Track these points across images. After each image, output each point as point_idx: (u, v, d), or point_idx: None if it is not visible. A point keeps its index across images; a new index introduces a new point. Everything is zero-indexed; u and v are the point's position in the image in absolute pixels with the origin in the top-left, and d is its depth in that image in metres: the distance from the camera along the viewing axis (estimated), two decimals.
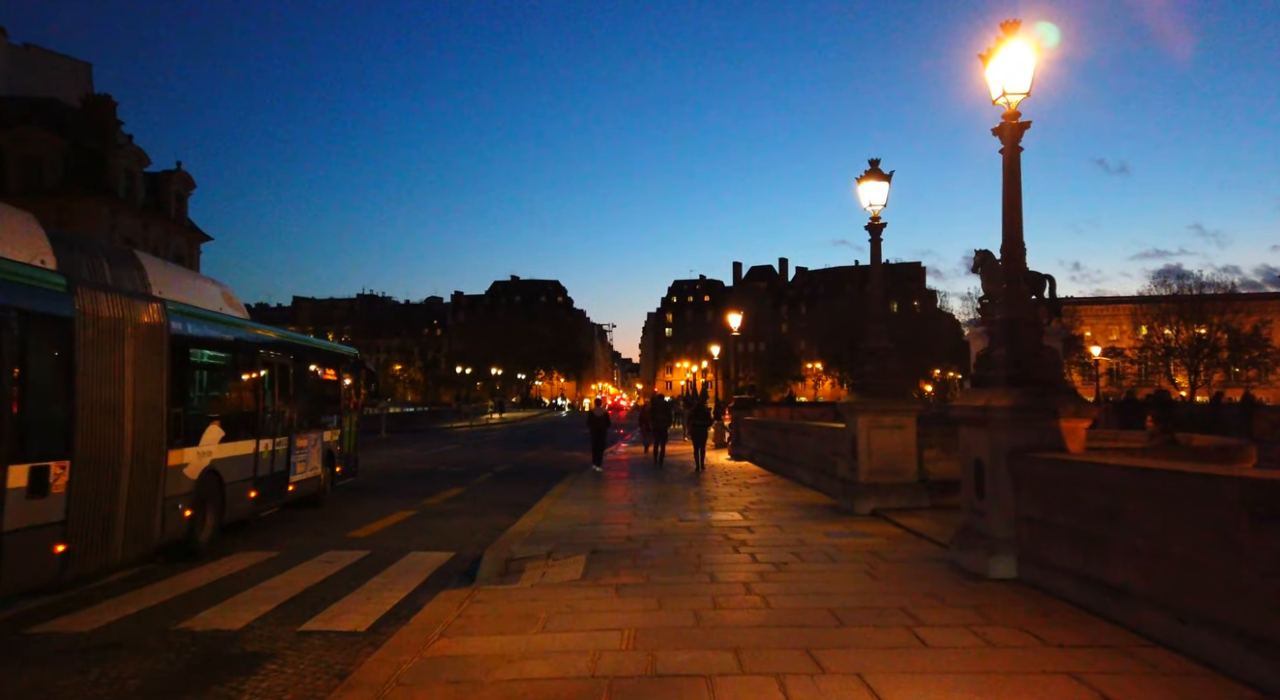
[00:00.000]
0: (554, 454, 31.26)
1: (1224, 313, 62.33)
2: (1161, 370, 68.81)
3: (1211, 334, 63.40)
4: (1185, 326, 66.10)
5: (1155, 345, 68.26)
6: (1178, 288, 68.13)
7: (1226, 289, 66.61)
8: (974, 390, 7.58)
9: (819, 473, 14.63)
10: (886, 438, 11.29)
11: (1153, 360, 71.72)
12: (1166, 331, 68.24)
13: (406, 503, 15.32)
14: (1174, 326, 67.30)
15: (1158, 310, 67.56)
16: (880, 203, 11.63)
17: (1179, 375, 67.72)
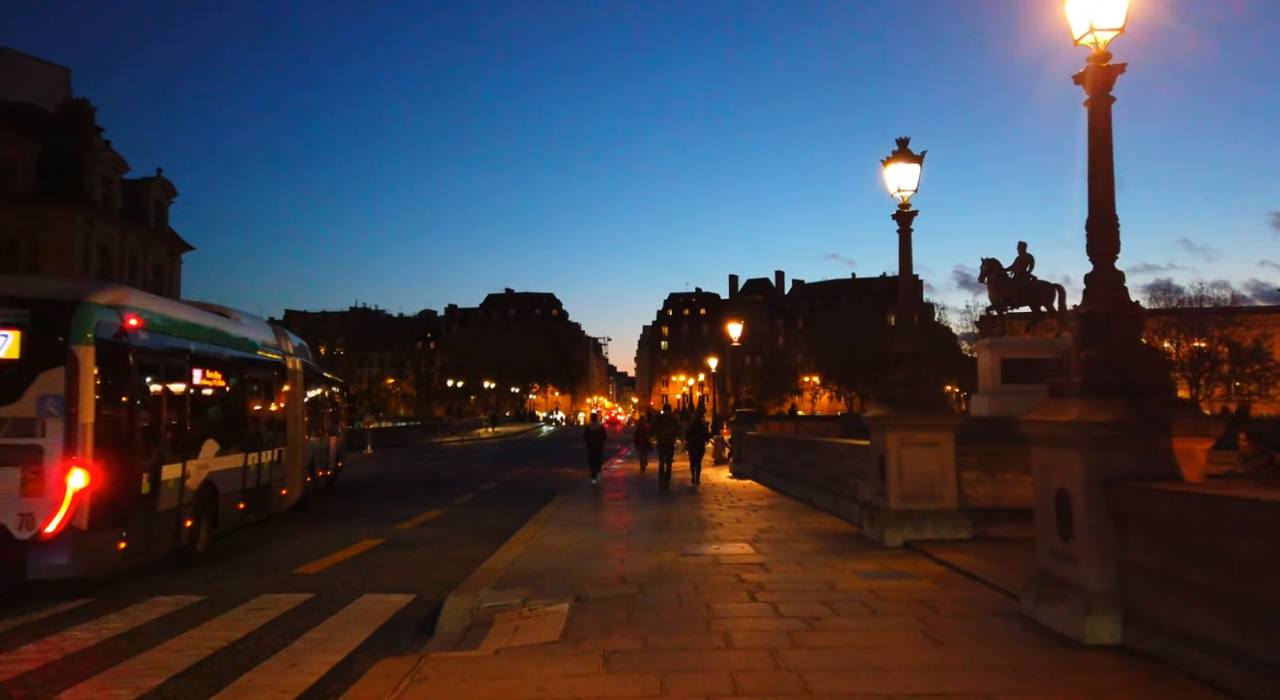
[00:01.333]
0: (545, 470, 29.64)
1: (1225, 326, 61.47)
2: None
3: (1213, 348, 62.47)
4: (1185, 340, 65.11)
5: None
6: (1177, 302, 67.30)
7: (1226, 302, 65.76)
8: (1053, 402, 6.05)
9: (835, 495, 13.08)
10: (920, 457, 9.76)
11: None
12: (1166, 345, 67.13)
13: (375, 528, 13.71)
14: (1174, 340, 66.25)
15: (1157, 324, 66.55)
16: (910, 187, 10.17)
17: (1180, 389, 66.49)
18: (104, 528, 8.38)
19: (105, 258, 42.80)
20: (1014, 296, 35.14)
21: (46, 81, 46.94)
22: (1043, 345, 34.29)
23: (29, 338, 8.41)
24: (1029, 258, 36.22)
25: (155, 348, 9.83)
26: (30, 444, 8.13)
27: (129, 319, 9.22)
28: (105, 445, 8.43)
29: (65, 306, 8.60)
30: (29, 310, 8.58)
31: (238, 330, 13.57)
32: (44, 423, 8.18)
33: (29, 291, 9.19)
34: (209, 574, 9.72)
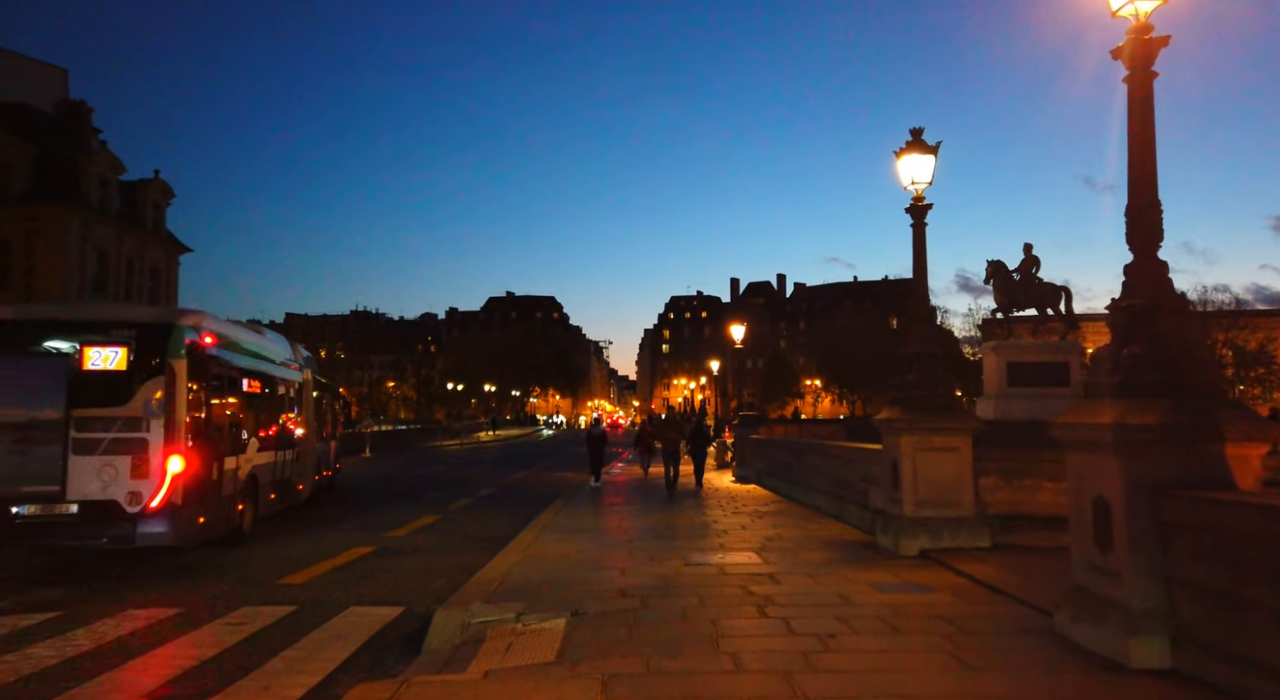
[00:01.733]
0: (545, 475, 29.17)
1: (1229, 330, 61.15)
2: None
3: (1217, 351, 62.18)
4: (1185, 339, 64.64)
5: None
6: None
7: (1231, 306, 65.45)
8: (1090, 402, 5.58)
9: (844, 501, 12.60)
10: (936, 462, 9.28)
11: None
12: None
13: (366, 536, 13.24)
14: None
15: None
16: (924, 180, 9.71)
17: None
18: (191, 505, 10.51)
19: (102, 260, 42.39)
20: (1020, 299, 34.64)
21: (43, 82, 46.59)
22: (1048, 348, 33.81)
23: (135, 353, 10.61)
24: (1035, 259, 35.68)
25: (223, 360, 12.22)
26: (138, 437, 10.23)
27: (205, 336, 11.50)
28: (192, 440, 10.66)
29: (163, 328, 10.88)
30: (134, 331, 10.79)
31: (271, 346, 15.66)
32: (149, 420, 10.29)
33: (134, 317, 11.61)
34: (189, 584, 9.26)
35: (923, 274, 9.80)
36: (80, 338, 10.69)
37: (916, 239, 9.78)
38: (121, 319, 11.33)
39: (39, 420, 10.24)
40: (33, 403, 10.38)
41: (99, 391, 10.43)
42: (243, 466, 12.77)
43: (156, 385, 10.51)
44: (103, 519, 10.11)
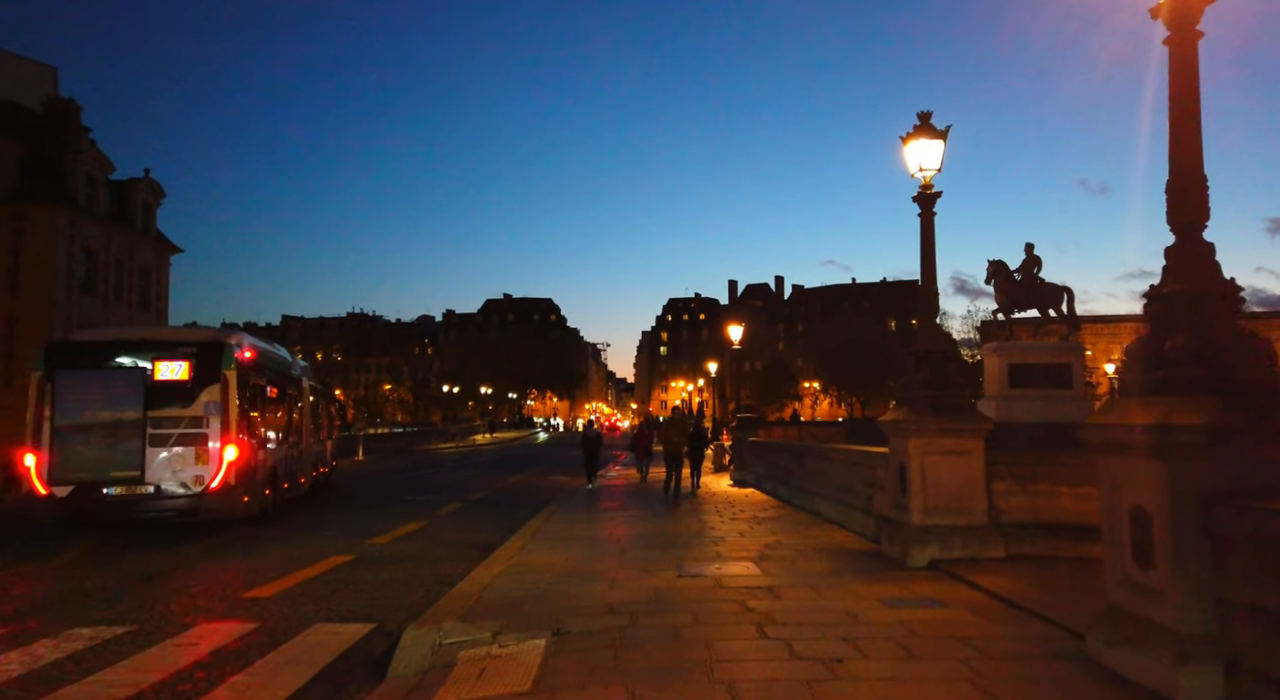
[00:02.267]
0: (539, 478, 28.57)
1: None
2: None
3: None
4: None
5: None
6: None
7: None
8: (1126, 402, 5.02)
9: (846, 507, 12.02)
10: (947, 466, 8.71)
11: None
12: None
13: (346, 542, 12.64)
14: None
15: None
16: (933, 166, 9.15)
17: None
18: (240, 486, 13.43)
19: (90, 260, 41.80)
20: (1021, 299, 34.05)
21: (32, 80, 45.98)
22: (1050, 349, 33.22)
23: (195, 366, 13.45)
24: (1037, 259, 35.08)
25: (259, 371, 15.06)
26: (200, 432, 13.17)
27: (246, 352, 14.24)
28: (240, 434, 13.55)
29: (217, 346, 13.72)
30: (194, 349, 13.64)
31: (283, 357, 18.66)
32: (208, 418, 13.21)
33: (194, 337, 14.56)
34: (147, 597, 8.66)
35: (931, 267, 9.23)
36: (152, 355, 13.59)
37: (925, 229, 9.22)
38: (184, 339, 14.35)
39: (123, 420, 13.09)
40: (118, 406, 13.12)
41: (169, 396, 13.36)
42: (268, 458, 15.48)
43: (213, 391, 13.46)
44: (172, 498, 13.05)
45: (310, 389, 20.39)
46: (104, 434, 13.04)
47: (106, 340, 14.65)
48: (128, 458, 12.97)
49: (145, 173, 46.73)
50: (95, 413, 13.12)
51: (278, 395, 16.79)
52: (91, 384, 13.31)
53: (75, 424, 13.07)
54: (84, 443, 13.04)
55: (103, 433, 13.04)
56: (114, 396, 13.22)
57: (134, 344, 14.06)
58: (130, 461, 12.97)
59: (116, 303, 43.81)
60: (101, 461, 12.88)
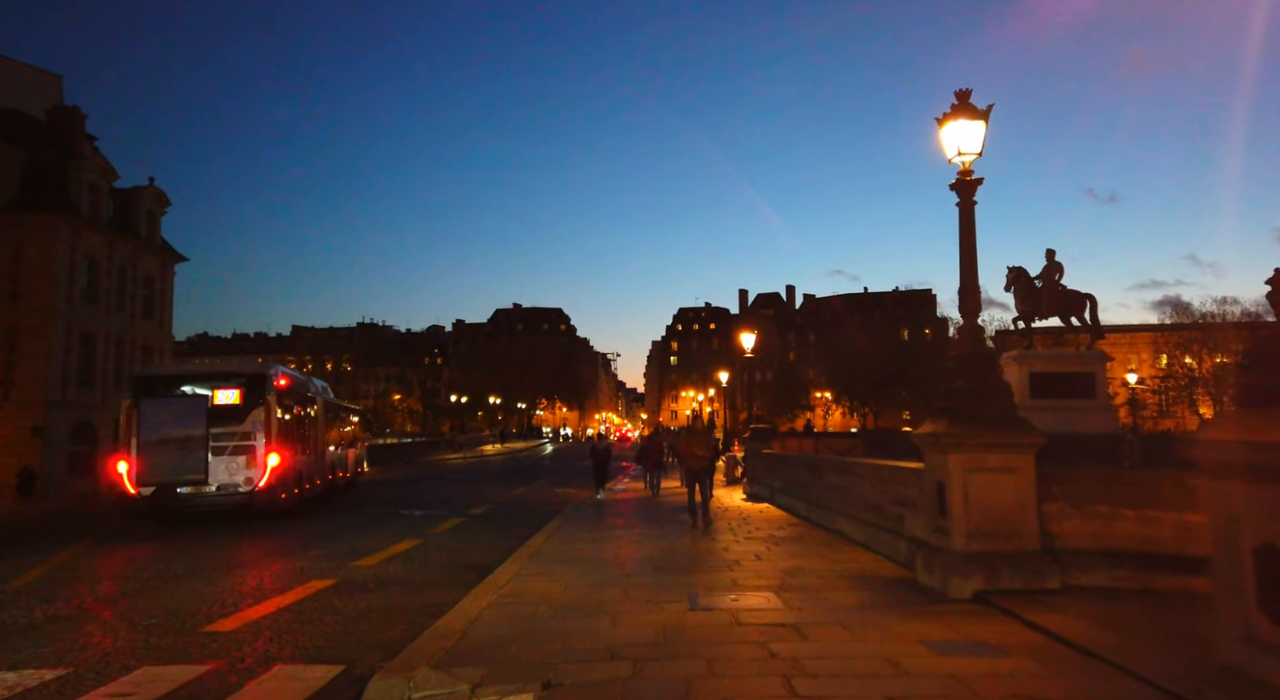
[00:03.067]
0: (545, 491, 27.63)
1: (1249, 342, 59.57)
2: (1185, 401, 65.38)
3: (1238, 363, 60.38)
4: (1208, 355, 63.07)
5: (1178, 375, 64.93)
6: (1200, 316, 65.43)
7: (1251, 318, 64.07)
8: (1250, 414, 4.03)
9: (873, 527, 11.02)
10: (993, 485, 7.71)
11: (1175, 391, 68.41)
12: (1188, 360, 64.91)
13: (332, 564, 11.75)
14: (1196, 356, 64.10)
15: (1179, 339, 64.33)
16: (973, 150, 8.19)
17: (1203, 406, 64.54)
18: (280, 486, 17.17)
19: (93, 268, 41.25)
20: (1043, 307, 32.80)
21: (37, 88, 45.67)
22: (1073, 358, 31.96)
23: (245, 393, 17.29)
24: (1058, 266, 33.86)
25: (291, 394, 18.82)
26: (250, 444, 16.96)
27: (281, 380, 18.14)
28: (279, 445, 17.25)
29: (261, 377, 17.76)
30: (244, 379, 17.69)
31: (304, 380, 22.37)
32: (255, 433, 16.97)
33: (243, 370, 18.96)
34: (96, 630, 7.76)
35: (972, 261, 8.25)
36: (211, 384, 17.65)
37: (964, 219, 8.25)
38: (236, 372, 18.71)
39: (191, 436, 16.93)
40: (187, 425, 16.98)
41: (225, 416, 17.22)
42: (297, 464, 18.96)
43: (259, 412, 17.29)
44: (230, 495, 16.91)
45: (326, 405, 23.85)
46: (177, 446, 16.95)
47: (177, 374, 19.30)
48: (195, 465, 16.92)
49: (150, 181, 46.32)
50: (170, 430, 17.02)
51: (301, 412, 20.54)
52: (166, 408, 17.28)
53: (156, 439, 17.01)
54: (162, 453, 16.88)
55: (176, 445, 16.95)
56: (184, 418, 17.15)
57: (198, 376, 18.47)
58: (197, 467, 16.94)
59: (119, 312, 43.24)
60: (175, 467, 16.77)
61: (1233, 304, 66.40)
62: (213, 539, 14.87)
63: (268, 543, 14.29)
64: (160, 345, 47.72)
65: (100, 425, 41.23)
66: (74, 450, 39.27)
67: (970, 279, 8.23)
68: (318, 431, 22.28)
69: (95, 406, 41.02)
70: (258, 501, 17.10)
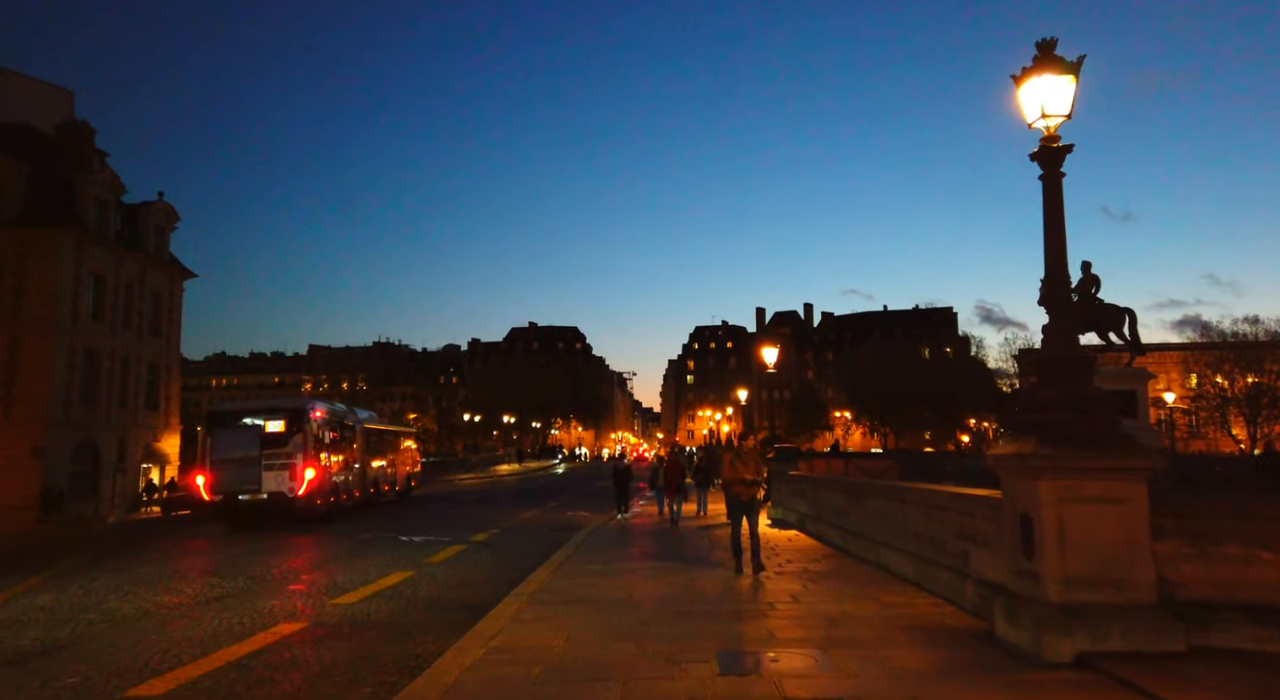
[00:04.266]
0: (557, 514, 26.15)
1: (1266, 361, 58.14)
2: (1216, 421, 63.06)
3: (1271, 382, 58.43)
4: (1240, 375, 61.00)
5: (1210, 395, 62.74)
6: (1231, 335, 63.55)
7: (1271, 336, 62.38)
8: None
9: (927, 564, 9.49)
10: (1095, 519, 6.21)
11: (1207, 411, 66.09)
12: (1220, 380, 62.71)
13: (308, 602, 10.38)
14: (1228, 375, 61.96)
15: (1209, 358, 62.22)
16: (1060, 111, 6.78)
17: (1236, 427, 62.32)
18: (317, 494, 22.06)
19: (99, 283, 40.49)
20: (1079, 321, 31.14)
21: (48, 103, 45.27)
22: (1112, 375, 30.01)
23: (288, 423, 22.33)
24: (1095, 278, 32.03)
25: (326, 424, 23.89)
26: (292, 462, 21.77)
27: (317, 412, 23.27)
28: (314, 462, 22.13)
29: (301, 410, 22.84)
30: (288, 412, 22.80)
31: (340, 410, 27.55)
32: (296, 453, 21.84)
33: (289, 404, 24.03)
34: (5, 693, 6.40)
35: (1059, 245, 6.79)
36: (264, 417, 22.76)
37: (1049, 195, 6.81)
38: (282, 406, 23.80)
39: (248, 456, 21.93)
40: (246, 448, 22.12)
41: (274, 441, 22.15)
42: (332, 477, 23.79)
43: (299, 438, 22.19)
44: (278, 501, 21.64)
45: (369, 431, 29.72)
46: (238, 464, 21.97)
47: (238, 409, 24.39)
48: (252, 478, 21.86)
49: (159, 195, 45.67)
50: (233, 452, 22.11)
51: (339, 438, 25.70)
52: (231, 436, 22.49)
53: (223, 459, 22.13)
54: (228, 470, 21.95)
55: (238, 464, 21.98)
56: (243, 443, 22.28)
57: (253, 411, 23.60)
58: (253, 480, 21.85)
59: (126, 328, 42.42)
60: (237, 481, 21.65)
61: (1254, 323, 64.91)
62: (186, 573, 13.54)
63: (245, 575, 12.93)
64: (168, 363, 46.85)
65: (103, 446, 40.21)
66: (75, 471, 38.26)
67: (1058, 266, 6.76)
68: (356, 452, 27.58)
69: (98, 426, 40.03)
70: (298, 505, 21.91)
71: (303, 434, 22.28)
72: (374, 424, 31.94)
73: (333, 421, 25.10)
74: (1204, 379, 63.18)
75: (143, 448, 43.84)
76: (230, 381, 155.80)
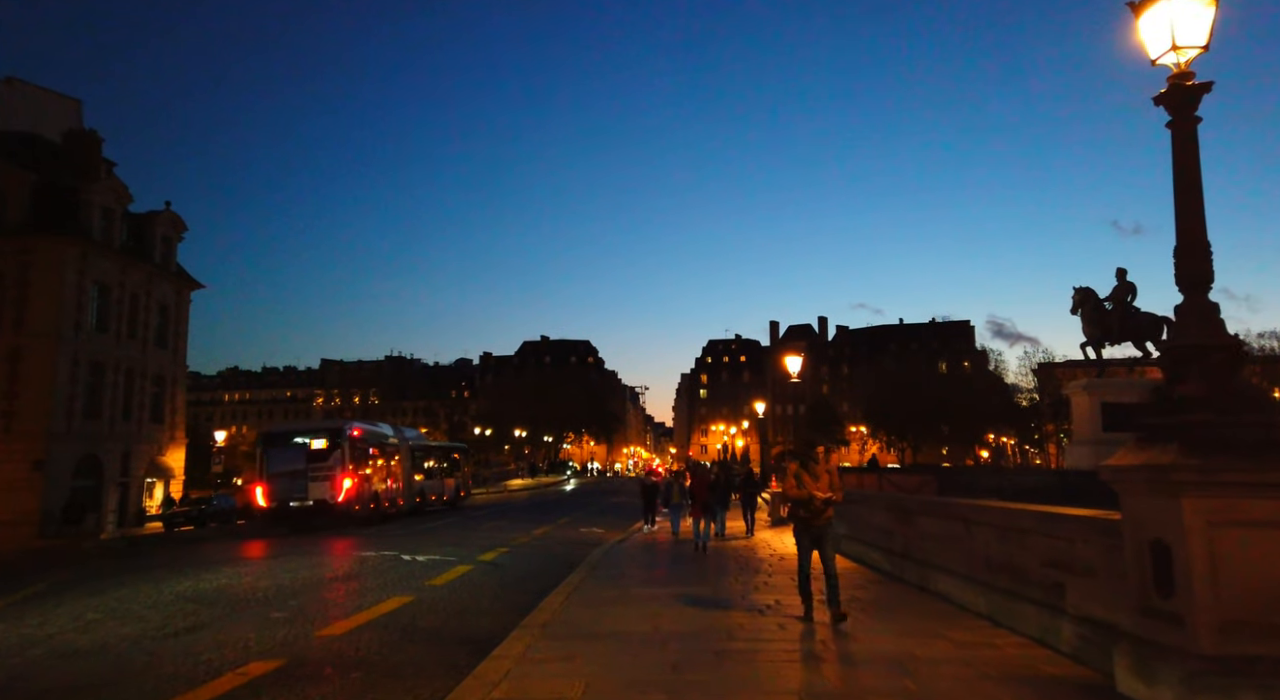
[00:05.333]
0: (570, 530, 24.85)
1: None
2: None
3: None
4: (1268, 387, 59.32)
5: None
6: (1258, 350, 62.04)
7: None
8: None
9: (1004, 594, 8.13)
10: (1261, 547, 4.89)
11: None
12: None
13: (288, 632, 9.12)
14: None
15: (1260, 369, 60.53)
16: (1196, 40, 5.50)
17: None
18: (355, 501, 26.68)
19: (104, 293, 39.67)
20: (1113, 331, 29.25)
21: (56, 112, 44.79)
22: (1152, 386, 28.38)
23: (330, 441, 27.20)
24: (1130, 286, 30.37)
25: (364, 441, 28.26)
26: (333, 474, 26.46)
27: (355, 431, 27.94)
28: (352, 474, 26.69)
29: (341, 429, 27.82)
30: (330, 432, 27.85)
31: (386, 432, 32.04)
32: (337, 466, 26.57)
33: (330, 426, 29.29)
34: None
35: (1196, 204, 5.48)
36: (309, 437, 27.38)
37: (1180, 146, 5.51)
38: (325, 427, 28.60)
39: (296, 470, 26.25)
40: (295, 463, 26.52)
41: (317, 456, 26.50)
42: (373, 487, 28.33)
43: (339, 454, 26.48)
44: (321, 507, 25.72)
45: (414, 448, 34.54)
46: (289, 477, 26.17)
47: (288, 430, 29.21)
48: (300, 488, 25.95)
49: (166, 205, 45.00)
50: (283, 466, 26.41)
51: (379, 453, 29.73)
52: (282, 453, 26.83)
53: (276, 472, 26.44)
54: (280, 482, 26.04)
55: (288, 476, 26.18)
56: (293, 459, 26.58)
57: (301, 431, 28.17)
58: (301, 490, 25.96)
59: (131, 339, 41.57)
60: (288, 491, 25.49)
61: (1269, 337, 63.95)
62: (163, 597, 12.31)
63: (228, 598, 11.69)
64: (174, 375, 45.96)
65: (107, 460, 39.19)
66: (77, 485, 37.24)
67: (1195, 232, 5.46)
68: (399, 466, 31.97)
69: (102, 438, 39.05)
70: (338, 511, 25.85)
71: (341, 451, 26.66)
72: (421, 441, 37.50)
73: (373, 440, 29.55)
74: None
75: (147, 462, 42.86)
76: (243, 396, 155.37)
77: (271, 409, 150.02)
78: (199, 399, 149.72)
